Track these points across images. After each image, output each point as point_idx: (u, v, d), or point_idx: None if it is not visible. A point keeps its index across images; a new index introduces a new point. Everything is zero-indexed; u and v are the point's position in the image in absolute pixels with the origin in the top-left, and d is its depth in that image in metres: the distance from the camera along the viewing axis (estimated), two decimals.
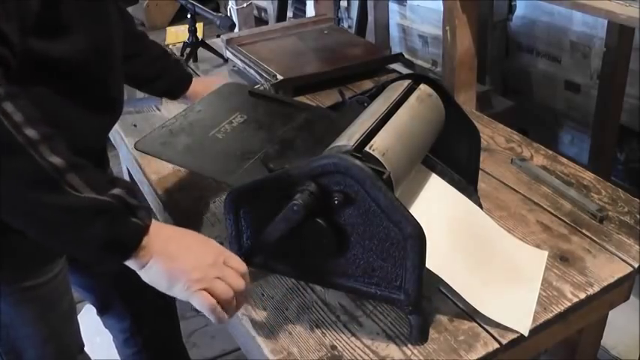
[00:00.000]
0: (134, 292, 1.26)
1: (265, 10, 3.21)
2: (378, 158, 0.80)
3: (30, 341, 1.01)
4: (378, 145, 0.82)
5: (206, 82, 1.31)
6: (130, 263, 0.75)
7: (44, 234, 0.74)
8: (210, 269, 0.77)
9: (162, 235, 0.77)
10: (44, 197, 0.69)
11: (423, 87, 0.96)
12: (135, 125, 1.43)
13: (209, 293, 0.75)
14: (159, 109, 1.52)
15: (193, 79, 1.29)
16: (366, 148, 0.81)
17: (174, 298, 0.80)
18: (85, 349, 1.16)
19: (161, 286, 0.77)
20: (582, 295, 0.90)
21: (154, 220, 0.77)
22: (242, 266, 0.80)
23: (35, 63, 0.79)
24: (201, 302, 0.75)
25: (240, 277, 0.79)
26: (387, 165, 0.81)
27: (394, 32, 2.80)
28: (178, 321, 1.44)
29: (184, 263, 0.77)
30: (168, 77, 1.26)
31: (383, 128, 0.86)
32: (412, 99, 0.93)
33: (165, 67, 1.25)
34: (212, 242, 0.81)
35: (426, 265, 0.79)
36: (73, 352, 1.12)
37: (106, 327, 1.35)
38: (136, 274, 0.77)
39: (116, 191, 0.73)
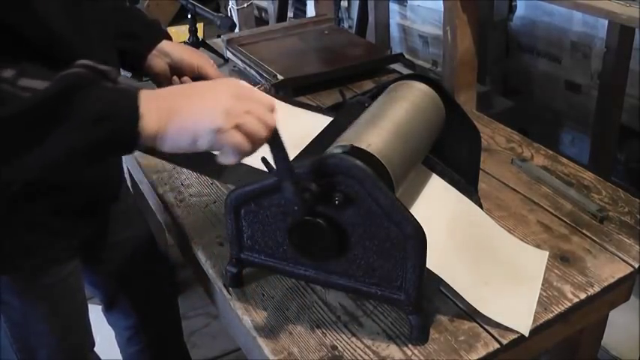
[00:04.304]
0: (140, 290, 1.26)
1: (266, 10, 3.21)
2: (379, 158, 0.80)
3: (43, 338, 1.02)
4: (378, 146, 0.82)
5: (186, 47, 1.14)
6: (140, 139, 0.63)
7: (18, 153, 0.61)
8: (236, 103, 0.65)
9: (160, 93, 0.66)
10: (5, 112, 0.59)
11: (423, 87, 0.96)
12: None
13: (242, 133, 0.65)
14: None
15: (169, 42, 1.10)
16: (367, 149, 0.81)
17: (177, 297, 0.75)
18: None
19: (185, 143, 0.65)
20: (583, 296, 0.90)
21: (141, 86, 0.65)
22: (270, 99, 0.69)
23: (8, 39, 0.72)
24: (234, 143, 0.64)
25: (271, 111, 0.68)
26: (388, 165, 0.81)
27: (394, 32, 2.80)
28: (181, 321, 1.44)
29: (200, 108, 0.65)
30: (135, 25, 1.07)
31: (383, 128, 0.86)
32: (412, 99, 0.93)
33: (130, 15, 1.08)
34: (228, 77, 0.71)
35: (427, 265, 0.80)
36: (85, 349, 1.13)
37: (110, 324, 1.36)
38: (142, 271, 0.75)
39: (80, 62, 0.63)
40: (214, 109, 0.65)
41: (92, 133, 0.61)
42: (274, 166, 0.75)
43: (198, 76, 1.10)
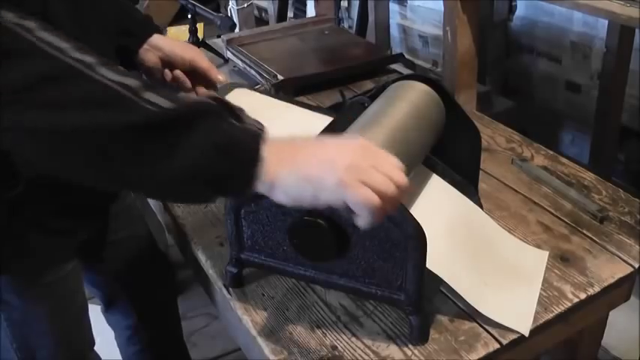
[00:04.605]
0: (140, 289, 1.26)
1: (266, 11, 3.20)
2: None
3: (43, 338, 1.02)
4: (378, 146, 0.82)
5: (178, 41, 1.14)
6: (258, 182, 0.61)
7: (136, 166, 0.59)
8: (362, 157, 0.62)
9: (282, 139, 0.63)
10: (124, 117, 0.57)
11: (423, 87, 0.96)
12: None
13: (368, 187, 0.61)
14: None
15: (161, 36, 1.09)
16: None
17: (177, 297, 0.75)
18: None
19: (306, 194, 0.62)
20: (583, 296, 0.90)
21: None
22: (396, 159, 0.66)
23: None
24: (363, 199, 0.60)
25: (399, 170, 0.64)
26: None
27: (395, 32, 2.80)
28: (180, 321, 1.44)
29: (323, 161, 0.62)
30: (126, 20, 1.06)
31: (383, 128, 0.86)
32: (412, 99, 0.93)
33: (122, 8, 1.07)
34: (353, 137, 0.67)
35: (427, 266, 0.80)
36: (85, 348, 1.13)
37: (109, 324, 1.36)
38: (142, 270, 0.75)
39: (213, 94, 0.64)
40: (337, 161, 0.62)
41: (212, 163, 0.60)
42: None
43: (190, 69, 1.10)
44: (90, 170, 0.60)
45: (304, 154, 0.63)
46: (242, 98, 1.09)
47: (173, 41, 1.12)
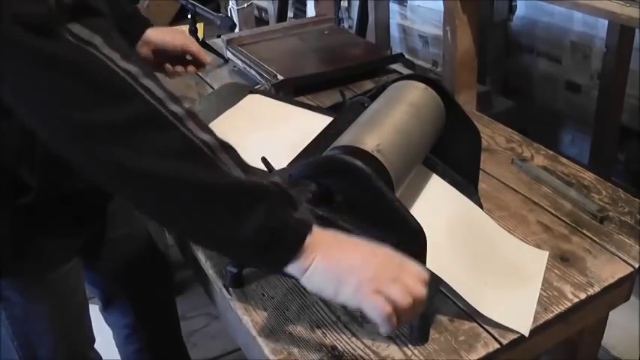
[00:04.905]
0: (138, 288, 1.27)
1: (266, 11, 3.20)
2: (379, 159, 0.80)
3: (44, 335, 1.03)
4: (378, 146, 0.82)
5: (165, 30, 1.19)
6: (292, 265, 0.67)
7: (196, 222, 0.65)
8: (385, 270, 0.68)
9: (324, 234, 0.69)
10: (201, 173, 0.62)
11: (423, 87, 0.96)
12: None
13: (384, 297, 0.66)
14: None
15: (150, 29, 1.14)
16: (367, 149, 0.81)
17: (176, 296, 0.78)
18: None
19: (328, 289, 0.68)
20: (583, 296, 0.90)
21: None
22: (423, 271, 0.71)
23: None
24: (376, 308, 0.66)
25: (420, 283, 0.69)
26: (388, 165, 0.81)
27: (395, 32, 2.80)
28: (179, 320, 1.44)
29: (353, 262, 0.68)
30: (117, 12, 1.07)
31: (383, 129, 0.86)
32: (412, 99, 0.93)
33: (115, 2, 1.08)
34: (383, 246, 0.71)
35: (427, 266, 0.79)
36: (85, 346, 1.13)
37: (108, 324, 1.36)
38: (140, 269, 0.76)
39: (275, 178, 0.67)
40: (363, 270, 0.67)
41: (261, 242, 0.65)
42: None
43: (181, 55, 1.16)
44: (160, 209, 0.66)
45: (339, 254, 0.69)
46: (256, 105, 1.09)
47: (161, 30, 1.16)
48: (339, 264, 0.68)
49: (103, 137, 0.61)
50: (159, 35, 1.13)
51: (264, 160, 0.84)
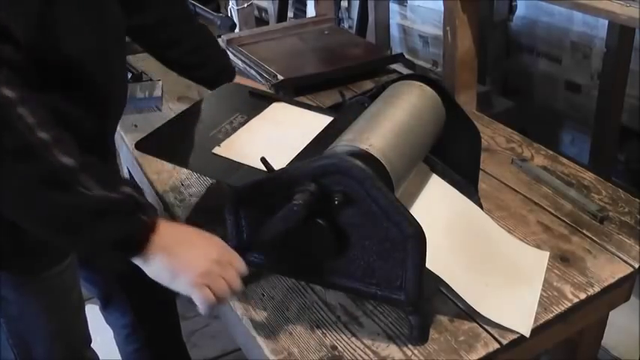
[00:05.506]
0: (137, 288, 1.26)
1: (266, 11, 3.20)
2: (379, 158, 0.80)
3: (40, 334, 1.03)
4: (378, 146, 0.82)
5: (248, 82, 1.30)
6: (135, 258, 0.78)
7: (54, 233, 0.76)
8: (214, 266, 0.79)
9: (167, 231, 0.79)
10: (58, 197, 0.72)
11: (423, 87, 0.96)
12: (135, 125, 1.43)
13: (210, 290, 0.78)
14: (159, 109, 1.52)
15: (236, 76, 1.28)
16: (367, 149, 0.81)
17: (176, 295, 0.82)
18: None
19: (163, 279, 0.79)
20: (583, 296, 0.90)
21: (160, 218, 0.79)
22: (243, 267, 0.82)
23: (39, 65, 0.80)
24: (203, 298, 0.77)
25: (238, 278, 0.81)
26: (388, 165, 0.81)
27: (395, 32, 2.80)
28: (179, 320, 1.44)
29: (188, 258, 0.79)
30: (211, 67, 1.24)
31: (383, 128, 0.86)
32: (412, 99, 0.93)
33: (209, 56, 1.24)
34: (216, 239, 0.83)
35: (427, 266, 0.79)
36: (81, 345, 1.13)
37: (108, 323, 1.36)
38: (140, 269, 0.78)
39: (127, 190, 0.75)
40: (196, 266, 0.78)
41: (108, 244, 0.76)
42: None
43: None
44: (27, 220, 0.76)
45: (178, 250, 0.79)
46: (280, 113, 1.09)
47: (247, 82, 1.29)
48: (176, 260, 0.78)
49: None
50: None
51: (263, 160, 0.84)
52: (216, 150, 0.98)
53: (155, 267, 0.78)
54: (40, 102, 0.72)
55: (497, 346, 0.83)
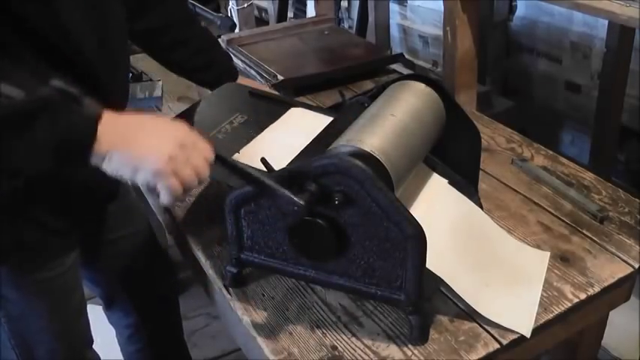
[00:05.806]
0: (140, 288, 1.27)
1: (266, 11, 3.20)
2: (379, 159, 0.80)
3: (41, 334, 1.03)
4: (378, 146, 0.82)
5: (249, 82, 1.29)
6: (90, 158, 0.71)
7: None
8: (179, 151, 0.72)
9: (118, 121, 0.72)
10: None
11: (423, 87, 0.96)
12: None
13: (177, 179, 0.72)
14: (159, 109, 1.52)
15: (239, 77, 1.27)
16: (367, 149, 0.81)
17: (178, 295, 0.79)
18: None
19: (125, 173, 0.72)
20: (583, 296, 0.90)
21: (105, 110, 0.71)
22: (209, 150, 0.76)
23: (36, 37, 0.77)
24: (170, 187, 0.72)
25: (206, 163, 0.75)
26: (388, 165, 0.81)
27: (395, 33, 2.80)
28: (181, 320, 1.44)
29: (148, 144, 0.72)
30: (215, 70, 1.23)
31: (383, 129, 0.86)
32: (412, 99, 0.93)
33: (213, 58, 1.23)
34: (178, 123, 0.76)
35: (427, 266, 0.80)
36: (83, 346, 1.13)
37: (110, 323, 1.36)
38: (142, 269, 0.77)
39: (56, 83, 0.68)
40: (159, 152, 0.71)
41: (50, 148, 0.68)
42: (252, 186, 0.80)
43: None
44: None
45: (134, 136, 0.72)
46: (298, 120, 1.09)
47: (250, 83, 1.28)
48: (136, 148, 0.71)
49: None
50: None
51: (263, 160, 0.84)
52: (235, 156, 0.97)
53: (114, 161, 0.71)
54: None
55: (497, 346, 0.83)
